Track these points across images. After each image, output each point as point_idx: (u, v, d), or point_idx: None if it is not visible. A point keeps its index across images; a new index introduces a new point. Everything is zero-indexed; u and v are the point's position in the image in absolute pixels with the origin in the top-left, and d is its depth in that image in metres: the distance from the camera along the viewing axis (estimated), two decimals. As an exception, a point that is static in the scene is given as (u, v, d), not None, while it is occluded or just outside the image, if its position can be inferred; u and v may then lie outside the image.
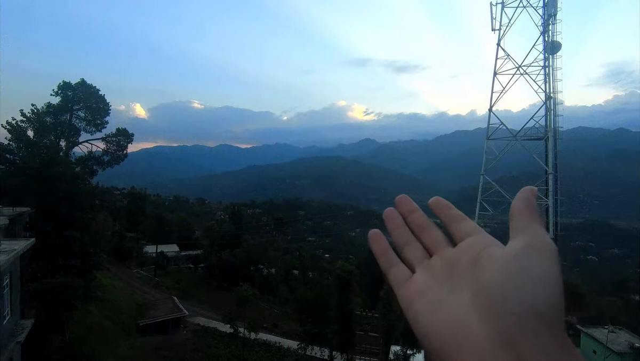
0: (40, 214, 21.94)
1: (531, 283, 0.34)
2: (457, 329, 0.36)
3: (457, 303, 0.38)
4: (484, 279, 0.37)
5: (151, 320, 31.86)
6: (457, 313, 0.37)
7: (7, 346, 11.36)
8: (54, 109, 31.26)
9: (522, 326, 0.32)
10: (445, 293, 0.40)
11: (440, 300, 0.40)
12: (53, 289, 19.56)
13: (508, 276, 0.35)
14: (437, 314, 0.39)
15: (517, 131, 28.26)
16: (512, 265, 0.36)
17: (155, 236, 60.77)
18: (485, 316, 0.35)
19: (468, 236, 0.45)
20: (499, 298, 0.34)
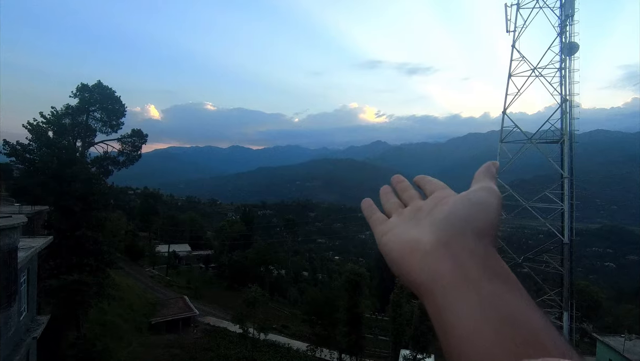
0: (57, 213, 22.48)
1: (472, 207, 0.46)
2: (412, 243, 0.47)
3: (416, 230, 0.49)
4: (438, 212, 0.49)
5: (162, 319, 32.26)
6: (414, 234, 0.48)
7: (23, 342, 11.64)
8: (72, 110, 32.07)
9: (459, 234, 0.43)
10: (408, 226, 0.51)
11: (404, 230, 0.51)
12: (68, 286, 19.99)
13: (455, 205, 0.47)
14: (400, 237, 0.50)
15: (531, 134, 27.75)
16: (460, 199, 0.49)
17: (167, 236, 61.59)
18: (434, 232, 0.46)
19: (435, 190, 0.56)
20: (446, 219, 0.46)
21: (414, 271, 0.44)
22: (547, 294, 25.93)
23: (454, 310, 0.38)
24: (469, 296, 0.38)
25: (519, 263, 27.18)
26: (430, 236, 0.45)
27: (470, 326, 0.36)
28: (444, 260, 0.42)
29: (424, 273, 0.43)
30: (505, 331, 0.35)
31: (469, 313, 0.37)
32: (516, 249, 32.07)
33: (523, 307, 0.37)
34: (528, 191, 30.48)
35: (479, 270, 0.40)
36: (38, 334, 12.93)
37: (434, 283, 0.41)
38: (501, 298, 0.38)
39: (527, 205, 26.17)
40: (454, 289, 0.39)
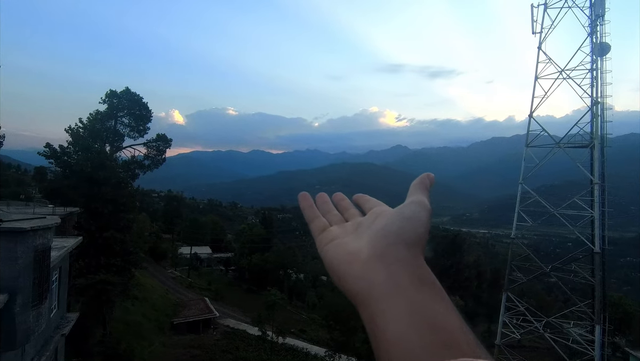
0: (88, 214, 23.39)
1: (403, 221, 0.51)
2: (351, 255, 0.51)
3: (357, 242, 0.53)
4: (376, 226, 0.54)
5: (184, 319, 32.86)
6: (355, 246, 0.53)
7: (53, 338, 12.11)
8: (101, 116, 33.40)
9: (392, 246, 0.48)
10: (351, 239, 0.55)
11: (346, 242, 0.55)
12: (95, 285, 20.71)
13: (390, 219, 0.53)
14: (342, 248, 0.54)
15: (559, 138, 26.77)
16: (395, 212, 0.54)
17: (189, 238, 62.89)
18: (371, 244, 0.50)
19: (373, 207, 0.61)
20: (382, 232, 0.51)
21: (351, 280, 0.48)
22: (576, 305, 24.79)
23: (384, 316, 0.41)
24: (398, 303, 0.42)
25: (546, 273, 26.12)
26: (368, 248, 0.50)
27: (398, 331, 0.39)
28: (378, 270, 0.46)
29: (361, 282, 0.46)
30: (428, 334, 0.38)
31: (398, 319, 0.40)
32: (543, 257, 30.89)
33: (444, 312, 0.41)
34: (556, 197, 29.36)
35: (409, 279, 0.44)
36: (67, 331, 13.42)
37: (369, 292, 0.45)
38: (426, 304, 0.41)
39: (555, 212, 25.19)
40: (386, 297, 0.43)
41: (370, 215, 0.59)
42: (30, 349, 10.17)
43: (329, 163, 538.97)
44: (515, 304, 26.10)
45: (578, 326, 24.85)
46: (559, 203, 26.16)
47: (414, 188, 0.58)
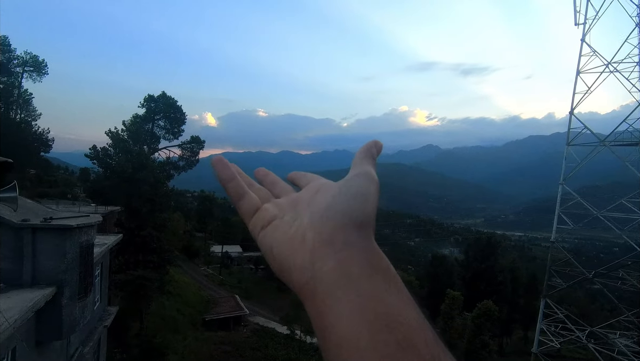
0: (127, 213, 24.63)
1: (350, 199, 0.42)
2: (294, 240, 0.42)
3: (296, 224, 0.44)
4: (317, 204, 0.45)
5: (215, 316, 33.78)
6: (295, 230, 0.44)
7: (96, 329, 12.88)
8: (140, 119, 35.10)
9: (339, 228, 0.40)
10: (288, 220, 0.46)
11: (286, 224, 0.45)
12: (133, 280, 21.75)
13: (334, 197, 0.44)
14: (280, 233, 0.45)
15: (604, 136, 25.18)
16: (338, 188, 0.45)
17: (221, 237, 64.63)
18: (315, 227, 0.42)
19: (310, 181, 0.54)
20: (325, 213, 0.42)
21: (296, 271, 0.40)
22: (623, 315, 23.19)
23: (333, 312, 0.35)
24: (348, 296, 0.35)
25: (588, 278, 24.59)
26: (312, 232, 0.42)
27: (347, 329, 0.34)
28: (326, 258, 0.39)
29: (306, 273, 0.39)
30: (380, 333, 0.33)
31: (347, 315, 0.34)
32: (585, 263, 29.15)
33: (400, 306, 0.35)
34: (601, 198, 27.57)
35: (360, 267, 0.37)
36: (108, 323, 14.21)
37: (316, 284, 0.38)
38: (379, 297, 0.35)
39: (600, 215, 23.68)
40: (335, 290, 0.36)
41: (308, 189, 0.50)
42: (75, 339, 10.85)
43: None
44: (554, 311, 24.77)
45: (624, 336, 23.22)
46: (604, 205, 24.59)
47: (359, 159, 0.50)
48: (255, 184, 0.58)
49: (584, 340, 23.22)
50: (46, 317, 8.08)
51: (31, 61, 40.94)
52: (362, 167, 0.48)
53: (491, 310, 25.92)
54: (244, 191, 0.52)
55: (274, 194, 0.56)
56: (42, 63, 41.58)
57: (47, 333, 8.32)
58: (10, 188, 7.76)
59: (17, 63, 40.53)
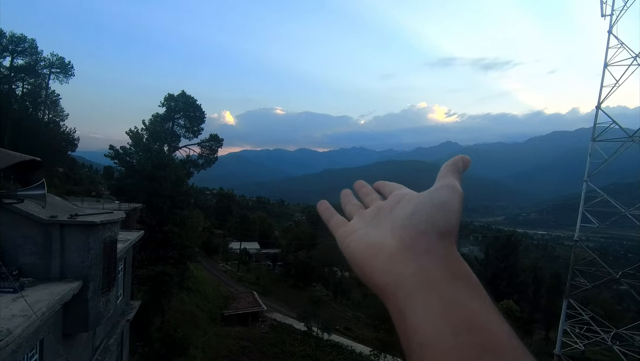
0: (149, 210, 25.32)
1: (434, 208, 0.44)
2: (375, 247, 0.46)
3: (378, 231, 0.49)
4: (400, 212, 0.49)
5: (234, 311, 34.37)
6: (376, 236, 0.48)
7: (119, 323, 13.36)
8: (160, 118, 35.95)
9: (421, 235, 0.43)
10: (371, 228, 0.51)
11: (367, 232, 0.50)
12: (155, 276, 22.37)
13: (418, 206, 0.46)
14: (362, 241, 0.49)
15: (633, 131, 24.13)
16: (422, 198, 0.48)
17: (239, 234, 65.58)
18: (397, 234, 0.45)
19: (393, 190, 0.57)
20: (409, 220, 0.45)
21: (377, 274, 0.44)
22: (653, 317, 22.23)
23: (415, 314, 0.38)
24: (430, 299, 0.37)
25: (615, 279, 23.71)
26: (394, 238, 0.45)
27: (430, 331, 0.36)
28: (407, 263, 0.42)
29: (387, 276, 0.43)
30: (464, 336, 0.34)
31: (430, 318, 0.36)
32: (612, 262, 28.07)
33: (483, 311, 0.36)
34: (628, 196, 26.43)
35: (441, 273, 0.40)
36: (131, 317, 14.70)
37: (397, 286, 0.41)
38: (462, 301, 0.37)
39: (627, 213, 22.74)
40: (416, 293, 0.39)
41: (391, 199, 0.55)
42: (100, 331, 11.31)
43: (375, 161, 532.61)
44: (578, 312, 24.01)
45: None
46: (632, 203, 23.58)
47: (445, 171, 0.52)
48: (353, 200, 0.65)
49: (609, 342, 22.44)
50: (73, 310, 8.45)
51: (58, 62, 42.49)
52: (447, 180, 0.50)
53: (512, 309, 25.36)
54: (332, 215, 0.62)
55: (365, 205, 0.61)
56: (69, 65, 43.11)
57: (73, 326, 8.70)
58: (39, 185, 8.14)
59: (44, 65, 42.17)
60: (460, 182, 0.50)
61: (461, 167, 0.53)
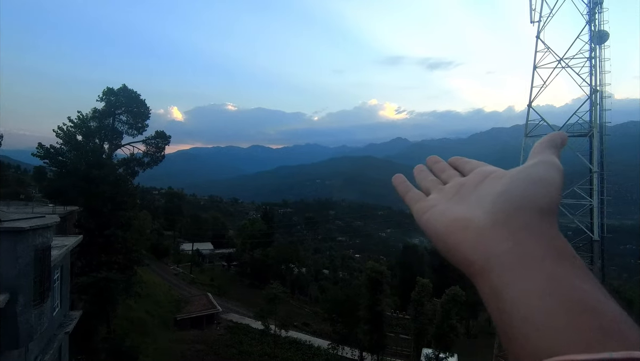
0: (87, 213, 23.45)
1: (531, 183, 0.42)
2: (461, 221, 0.44)
3: (463, 207, 0.47)
4: (489, 188, 0.46)
5: (187, 315, 33.13)
6: (462, 211, 0.46)
7: (56, 336, 12.24)
8: (99, 113, 33.28)
9: (517, 211, 0.40)
10: (453, 203, 0.49)
11: (449, 207, 0.48)
12: (98, 283, 20.82)
13: (512, 181, 0.44)
14: (445, 215, 0.47)
15: (558, 127, 26.74)
16: (516, 173, 0.45)
17: (191, 235, 63.16)
18: (487, 209, 0.43)
19: (477, 167, 0.55)
20: (502, 196, 0.43)
21: (464, 249, 0.42)
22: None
23: (514, 290, 0.36)
24: (534, 276, 0.35)
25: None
26: (484, 213, 0.43)
27: (537, 308, 0.34)
28: (501, 239, 0.39)
29: (477, 252, 0.40)
30: (582, 317, 0.31)
31: (534, 294, 0.34)
32: (543, 247, 31.00)
33: (597, 293, 0.34)
34: (555, 186, 29.50)
35: (543, 250, 0.37)
36: (70, 329, 13.55)
37: (489, 262, 0.39)
38: (571, 281, 0.34)
39: (555, 201, 25.25)
40: (514, 270, 0.37)
41: (475, 175, 0.52)
42: (34, 347, 10.27)
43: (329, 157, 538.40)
44: (515, 293, 26.24)
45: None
46: (559, 193, 26.18)
47: (541, 147, 0.49)
48: (429, 176, 0.63)
49: (542, 319, 24.83)
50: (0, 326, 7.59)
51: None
52: (545, 156, 0.47)
53: (458, 295, 27.05)
54: (408, 189, 0.61)
55: (442, 181, 0.60)
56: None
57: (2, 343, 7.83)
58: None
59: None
60: (559, 158, 0.48)
61: (559, 144, 0.50)
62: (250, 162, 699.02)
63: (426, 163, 0.67)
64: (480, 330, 43.75)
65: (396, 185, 0.64)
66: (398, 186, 0.63)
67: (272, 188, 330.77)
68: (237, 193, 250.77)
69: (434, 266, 48.57)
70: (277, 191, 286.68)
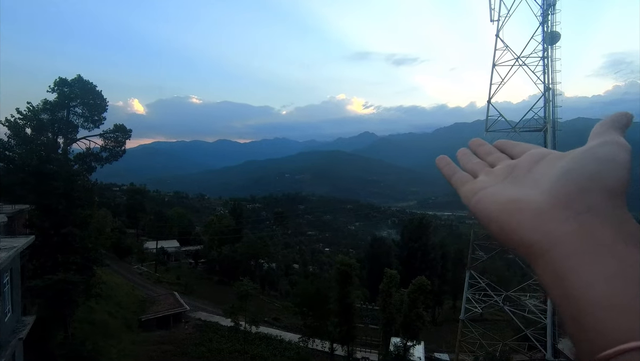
0: (40, 211, 21.93)
1: (599, 164, 0.39)
2: (517, 203, 0.42)
3: (517, 188, 0.45)
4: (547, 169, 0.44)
5: (153, 315, 32.02)
6: (517, 193, 0.44)
7: (9, 343, 11.41)
8: (51, 105, 31.04)
9: (582, 193, 0.38)
10: (506, 185, 0.47)
11: (502, 189, 0.47)
12: (53, 285, 19.61)
13: (576, 162, 0.41)
14: (498, 196, 0.46)
15: (516, 123, 28.19)
16: (581, 155, 0.42)
17: (155, 232, 60.90)
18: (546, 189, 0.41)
19: (529, 149, 0.53)
20: (564, 177, 0.40)
21: (522, 231, 0.40)
22: (531, 278, 26.63)
23: (583, 274, 0.34)
24: (604, 260, 0.34)
25: (504, 249, 27.78)
26: (541, 194, 0.41)
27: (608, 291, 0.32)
28: (564, 221, 0.38)
29: (537, 233, 0.39)
30: None
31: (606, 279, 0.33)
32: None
33: None
34: (513, 179, 31.26)
35: (612, 234, 0.35)
36: (24, 335, 12.69)
37: (551, 245, 0.37)
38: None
39: (512, 193, 26.66)
40: (581, 253, 0.35)
41: (530, 157, 0.50)
42: (-19, 357, 9.52)
43: (297, 152, 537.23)
44: (477, 281, 27.62)
45: (533, 297, 26.74)
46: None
47: (603, 128, 0.46)
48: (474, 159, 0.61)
49: (501, 303, 26.32)
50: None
51: None
52: (610, 136, 0.44)
53: (424, 284, 28.01)
54: (454, 171, 0.59)
55: (489, 164, 0.58)
56: None
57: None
58: None
59: None
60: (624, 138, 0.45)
61: (624, 124, 0.47)
62: (217, 157, 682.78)
63: (469, 146, 0.65)
64: (446, 318, 45.74)
65: (441, 167, 0.62)
66: (443, 168, 0.61)
67: (240, 183, 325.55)
68: (203, 188, 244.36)
69: (401, 257, 50.03)
70: (245, 186, 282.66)
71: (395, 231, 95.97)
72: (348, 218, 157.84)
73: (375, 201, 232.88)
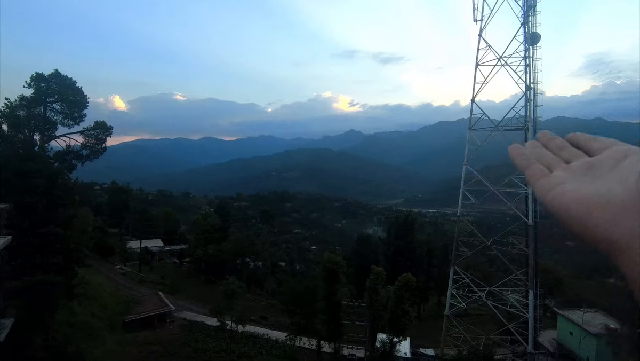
0: (19, 211, 21.27)
1: None
2: (599, 199, 0.42)
3: (598, 184, 0.44)
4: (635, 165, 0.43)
5: (137, 316, 31.51)
6: (598, 189, 0.43)
7: (-14, 347, 11.08)
8: (27, 101, 30.11)
9: None
10: (586, 181, 0.47)
11: (582, 185, 0.46)
12: (33, 287, 19.08)
13: None
14: (579, 193, 0.45)
15: (498, 121, 28.79)
16: None
17: (139, 232, 59.81)
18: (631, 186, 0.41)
19: (609, 146, 0.51)
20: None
21: (605, 228, 0.40)
22: (513, 273, 27.31)
23: None
24: None
25: (487, 246, 28.38)
26: (626, 190, 0.41)
27: None
28: None
29: (621, 230, 0.39)
30: None
31: None
32: (485, 232, 33.46)
33: None
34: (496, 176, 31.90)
35: None
36: (2, 338, 12.33)
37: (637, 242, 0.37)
38: None
39: (495, 190, 27.28)
40: None
41: (613, 153, 0.49)
42: (-43, 362, 9.21)
43: (284, 149, 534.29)
44: (461, 277, 28.14)
45: (515, 292, 27.44)
46: (499, 182, 28.32)
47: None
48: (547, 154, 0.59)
49: (484, 299, 26.92)
50: None
51: None
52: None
53: (410, 281, 28.37)
54: (530, 162, 0.57)
55: (563, 159, 0.56)
56: None
57: None
58: None
59: None
60: None
61: None
62: (202, 154, 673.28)
63: (538, 139, 0.64)
64: (432, 314, 46.46)
65: (514, 157, 0.60)
66: (516, 158, 0.60)
67: (226, 181, 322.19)
68: (188, 186, 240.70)
69: (387, 255, 50.53)
70: (231, 184, 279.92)
71: (382, 229, 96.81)
72: (335, 216, 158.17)
73: (362, 198, 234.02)
